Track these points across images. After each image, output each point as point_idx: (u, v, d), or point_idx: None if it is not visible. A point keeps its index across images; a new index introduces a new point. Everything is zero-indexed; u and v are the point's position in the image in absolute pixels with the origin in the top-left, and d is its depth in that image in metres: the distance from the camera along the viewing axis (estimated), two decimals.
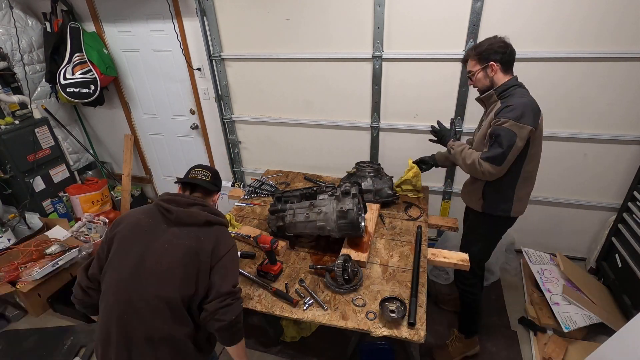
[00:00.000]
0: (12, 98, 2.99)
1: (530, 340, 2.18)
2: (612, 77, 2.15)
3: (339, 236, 1.82)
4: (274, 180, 2.76)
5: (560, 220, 2.69)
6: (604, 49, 2.09)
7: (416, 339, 1.41)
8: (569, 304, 2.20)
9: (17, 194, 3.06)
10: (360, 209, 1.87)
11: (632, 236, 2.18)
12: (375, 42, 2.41)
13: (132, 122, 3.55)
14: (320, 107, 2.80)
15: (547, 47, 2.16)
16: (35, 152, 3.05)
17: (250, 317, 2.37)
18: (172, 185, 3.87)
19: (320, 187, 2.00)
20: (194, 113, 3.27)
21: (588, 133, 2.33)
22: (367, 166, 2.36)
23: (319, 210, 1.81)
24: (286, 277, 1.76)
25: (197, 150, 3.50)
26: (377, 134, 2.75)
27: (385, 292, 1.62)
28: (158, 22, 2.89)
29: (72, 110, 3.61)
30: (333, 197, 1.84)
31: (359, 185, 1.91)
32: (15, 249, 2.60)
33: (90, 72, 2.98)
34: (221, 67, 2.84)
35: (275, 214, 1.93)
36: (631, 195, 2.25)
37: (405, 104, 2.59)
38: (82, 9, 3.03)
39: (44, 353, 2.22)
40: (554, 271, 2.48)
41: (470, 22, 2.19)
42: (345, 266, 1.61)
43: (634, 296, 2.14)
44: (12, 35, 2.94)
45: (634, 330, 1.38)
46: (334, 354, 2.13)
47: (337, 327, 1.50)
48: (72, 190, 3.30)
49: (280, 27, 2.57)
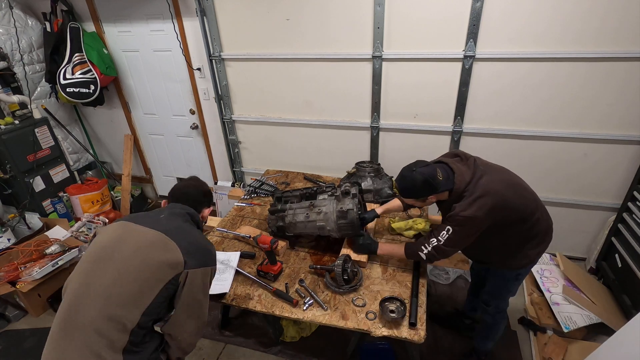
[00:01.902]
0: (12, 98, 2.99)
1: (530, 340, 2.18)
2: (612, 77, 2.15)
3: (338, 236, 1.82)
4: (274, 180, 2.76)
5: (560, 220, 2.68)
6: (604, 49, 2.09)
7: (416, 339, 1.41)
8: (569, 304, 2.20)
9: (17, 194, 3.06)
10: (360, 209, 1.87)
11: (632, 236, 2.18)
12: (375, 42, 2.41)
13: (132, 122, 3.55)
14: (320, 107, 2.80)
15: (547, 47, 2.16)
16: (35, 152, 3.04)
17: (250, 317, 2.37)
18: (172, 184, 3.86)
19: (320, 187, 1.99)
20: (194, 113, 3.27)
21: (588, 133, 2.33)
22: (367, 166, 2.36)
23: (318, 210, 1.81)
24: (286, 277, 1.76)
25: (197, 150, 3.50)
26: (377, 134, 2.75)
27: (385, 292, 1.63)
28: (158, 22, 2.89)
29: (72, 110, 3.61)
30: (333, 197, 1.84)
31: (359, 185, 1.91)
32: (15, 249, 2.60)
33: (90, 72, 2.97)
34: (221, 67, 2.84)
35: (275, 214, 1.93)
36: (631, 195, 2.25)
37: (405, 104, 2.59)
38: (82, 9, 3.03)
39: None
40: (554, 271, 2.48)
41: (470, 22, 2.19)
42: (345, 266, 1.62)
43: (634, 296, 2.14)
44: (12, 35, 2.94)
45: (634, 330, 1.37)
46: (334, 354, 2.13)
47: (337, 327, 1.50)
48: (72, 190, 3.30)
49: (280, 27, 2.57)
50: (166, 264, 1.16)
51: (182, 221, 1.32)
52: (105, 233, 1.25)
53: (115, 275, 1.13)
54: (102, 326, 1.07)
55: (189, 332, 1.25)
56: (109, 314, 1.08)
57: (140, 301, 1.12)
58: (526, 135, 2.44)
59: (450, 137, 2.59)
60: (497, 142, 2.51)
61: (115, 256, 1.16)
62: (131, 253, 1.16)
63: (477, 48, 2.26)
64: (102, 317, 1.08)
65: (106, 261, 1.16)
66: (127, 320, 1.10)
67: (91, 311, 1.09)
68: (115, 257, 1.16)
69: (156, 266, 1.15)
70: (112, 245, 1.19)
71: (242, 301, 1.63)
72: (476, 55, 2.27)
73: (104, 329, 1.07)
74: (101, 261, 1.16)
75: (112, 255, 1.16)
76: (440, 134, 2.61)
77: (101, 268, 1.15)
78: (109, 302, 1.10)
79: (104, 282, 1.12)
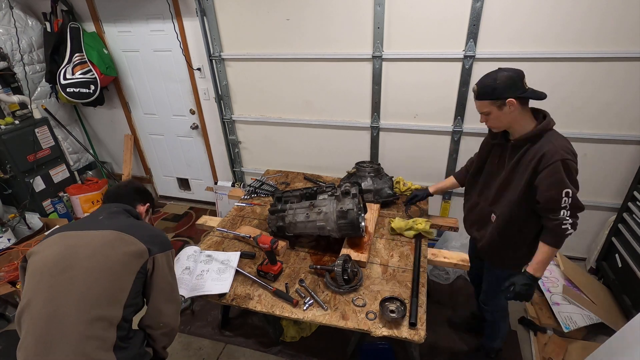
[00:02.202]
0: (12, 98, 2.99)
1: (530, 340, 2.18)
2: (612, 77, 2.15)
3: (339, 236, 1.82)
4: (274, 180, 2.76)
5: None
6: (604, 49, 2.09)
7: (416, 339, 1.41)
8: (569, 304, 2.20)
9: (17, 194, 3.06)
10: (361, 209, 1.87)
11: (632, 236, 2.18)
12: (375, 42, 2.41)
13: (132, 122, 3.55)
14: (320, 107, 2.80)
15: (548, 47, 2.16)
16: (35, 152, 3.05)
17: (250, 317, 2.37)
18: (172, 184, 3.88)
19: (320, 187, 1.99)
20: (194, 113, 3.27)
21: (588, 133, 2.33)
22: (367, 166, 2.36)
23: (319, 210, 1.81)
24: (286, 277, 1.76)
25: (197, 150, 3.50)
26: (377, 134, 2.75)
27: (385, 292, 1.62)
28: (158, 22, 2.89)
29: (72, 110, 3.61)
30: (333, 197, 1.84)
31: (359, 185, 1.91)
32: (15, 249, 2.61)
33: (90, 72, 2.98)
34: (221, 67, 2.84)
35: (275, 214, 1.93)
36: (631, 195, 2.25)
37: (405, 104, 2.59)
38: (82, 9, 3.03)
39: None
40: (554, 271, 2.48)
41: (470, 22, 2.19)
42: (345, 266, 1.62)
43: (634, 296, 2.14)
44: (12, 35, 2.94)
45: (634, 330, 1.38)
46: (334, 354, 2.13)
47: (337, 327, 1.50)
48: (72, 190, 3.30)
49: (280, 27, 2.57)
50: (131, 255, 1.18)
51: (125, 217, 1.34)
52: (46, 249, 1.19)
53: (86, 279, 1.11)
54: (88, 330, 1.06)
55: (169, 315, 1.29)
56: (92, 317, 1.08)
57: (119, 295, 1.14)
58: None
59: (450, 137, 2.59)
60: None
61: (75, 264, 1.13)
62: (90, 255, 1.15)
63: (477, 48, 2.26)
64: (85, 322, 1.07)
65: (66, 272, 1.12)
66: (112, 316, 1.11)
67: (72, 321, 1.06)
68: (74, 265, 1.13)
69: (123, 259, 1.16)
70: (63, 256, 1.15)
71: (242, 301, 1.63)
72: (476, 55, 2.27)
73: (91, 332, 1.07)
74: (60, 274, 1.12)
75: (70, 264, 1.13)
76: (440, 134, 2.61)
77: (65, 279, 1.11)
78: (88, 307, 1.08)
79: (76, 290, 1.10)
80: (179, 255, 1.85)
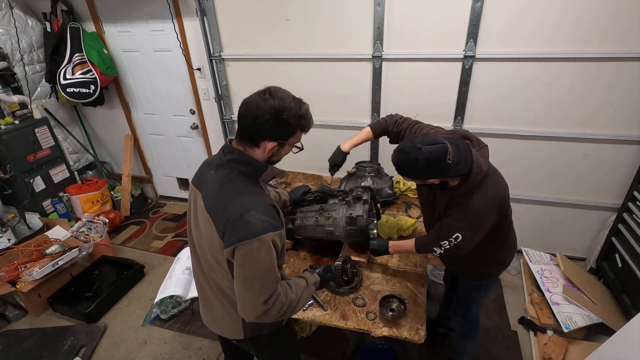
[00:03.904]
0: (12, 98, 2.99)
1: (530, 340, 2.18)
2: (612, 77, 2.15)
3: (348, 242, 1.80)
4: (274, 180, 2.76)
5: (560, 220, 2.69)
6: (605, 49, 2.09)
7: (416, 339, 1.41)
8: (569, 304, 2.20)
9: (17, 194, 3.06)
10: (373, 215, 1.84)
11: (632, 236, 2.18)
12: (375, 42, 2.40)
13: (132, 122, 3.55)
14: (320, 107, 2.80)
15: (547, 47, 2.16)
16: (35, 152, 3.05)
17: None
18: (172, 184, 3.87)
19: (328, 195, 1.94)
20: (194, 113, 3.27)
21: (588, 133, 2.33)
22: (367, 166, 2.36)
23: (328, 215, 1.77)
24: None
25: (197, 150, 3.49)
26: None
27: (385, 292, 1.62)
28: (158, 22, 2.89)
29: (72, 110, 3.61)
30: (344, 202, 1.81)
31: (371, 191, 1.87)
32: (15, 249, 2.60)
33: (90, 72, 2.98)
34: (221, 67, 2.84)
35: (286, 216, 1.90)
36: (631, 195, 2.25)
37: (405, 104, 2.58)
38: (82, 9, 3.03)
39: (44, 353, 2.22)
40: (554, 271, 2.48)
41: (470, 22, 2.19)
42: (345, 267, 1.61)
43: (634, 296, 2.14)
44: (12, 35, 2.94)
45: (634, 330, 1.37)
46: (334, 354, 2.13)
47: (337, 327, 1.50)
48: (72, 190, 3.30)
49: (280, 27, 2.57)
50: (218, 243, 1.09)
51: (226, 181, 1.09)
52: (190, 194, 1.25)
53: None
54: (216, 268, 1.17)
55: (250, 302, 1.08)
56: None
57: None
58: (526, 135, 2.44)
59: None
60: (497, 142, 2.51)
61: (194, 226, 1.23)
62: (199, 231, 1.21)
63: (477, 48, 2.26)
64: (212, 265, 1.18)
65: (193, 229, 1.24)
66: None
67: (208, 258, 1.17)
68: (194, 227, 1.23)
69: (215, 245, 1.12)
70: (191, 215, 1.25)
71: None
72: (476, 55, 2.27)
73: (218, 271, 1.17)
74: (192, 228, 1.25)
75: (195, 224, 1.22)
76: None
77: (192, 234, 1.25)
78: None
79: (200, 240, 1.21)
80: (179, 255, 1.85)
